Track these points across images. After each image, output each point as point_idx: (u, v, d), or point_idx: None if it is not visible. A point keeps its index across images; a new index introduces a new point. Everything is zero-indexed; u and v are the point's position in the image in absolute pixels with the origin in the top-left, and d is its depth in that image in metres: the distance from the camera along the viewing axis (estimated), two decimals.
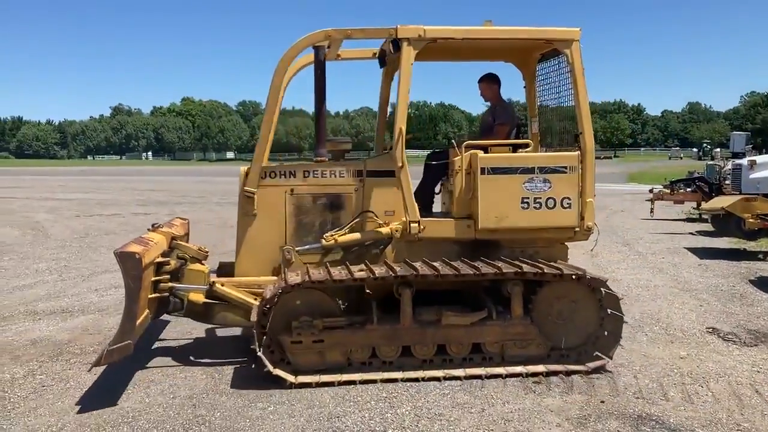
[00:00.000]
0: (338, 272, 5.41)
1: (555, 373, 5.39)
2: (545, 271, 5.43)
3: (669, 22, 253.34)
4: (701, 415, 4.61)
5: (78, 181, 46.08)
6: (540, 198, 5.85)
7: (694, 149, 79.09)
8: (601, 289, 5.57)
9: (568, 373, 5.38)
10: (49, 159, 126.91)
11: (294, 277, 5.30)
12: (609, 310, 5.54)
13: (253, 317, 5.10)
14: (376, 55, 6.90)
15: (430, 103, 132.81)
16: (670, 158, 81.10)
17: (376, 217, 6.00)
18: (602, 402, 4.84)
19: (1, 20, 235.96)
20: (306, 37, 5.74)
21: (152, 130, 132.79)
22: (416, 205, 5.86)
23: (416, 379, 5.26)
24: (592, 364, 5.47)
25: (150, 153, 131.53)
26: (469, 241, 5.96)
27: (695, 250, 12.32)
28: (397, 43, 5.82)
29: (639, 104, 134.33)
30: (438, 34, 5.85)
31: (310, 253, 5.96)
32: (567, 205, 5.92)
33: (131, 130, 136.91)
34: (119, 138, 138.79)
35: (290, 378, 5.14)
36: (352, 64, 7.11)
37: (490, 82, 7.01)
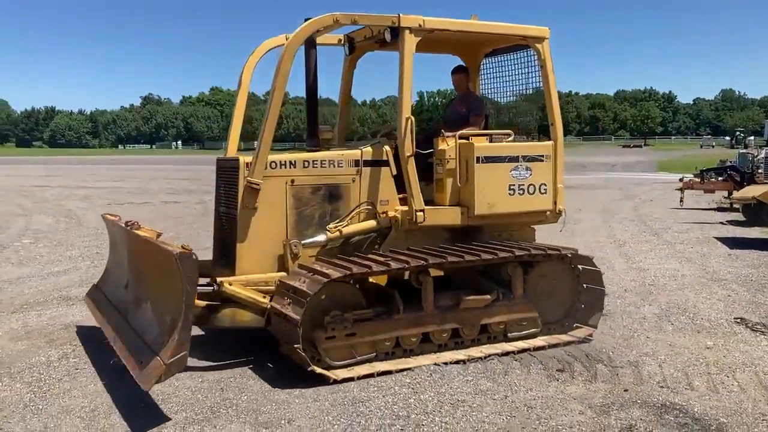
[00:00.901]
0: (375, 264, 5.26)
1: (555, 345, 5.82)
2: (562, 252, 6.08)
3: (701, 8, 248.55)
4: (726, 405, 4.59)
5: (109, 169, 46.81)
6: (523, 185, 6.33)
7: (727, 138, 77.83)
8: (580, 266, 6.21)
9: (566, 344, 5.87)
10: (81, 148, 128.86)
11: (333, 271, 5.08)
12: (585, 285, 6.21)
13: (295, 314, 4.80)
14: (342, 42, 6.88)
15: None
16: (701, 147, 79.71)
17: (374, 206, 6.00)
18: (625, 390, 4.85)
19: (34, 13, 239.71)
20: (314, 20, 5.59)
21: (182, 120, 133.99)
22: (421, 193, 5.93)
23: (459, 362, 5.40)
24: (579, 333, 6.05)
25: (179, 142, 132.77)
26: (459, 228, 6.19)
27: (725, 240, 12.16)
28: (395, 32, 5.84)
29: (670, 92, 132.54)
30: (435, 25, 5.97)
31: (313, 246, 5.78)
32: (544, 191, 6.50)
33: (161, 120, 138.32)
34: (149, 127, 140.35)
35: (333, 375, 4.99)
36: (378, 55, 7.05)
37: (464, 73, 7.16)
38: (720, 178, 17.30)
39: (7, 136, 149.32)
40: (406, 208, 5.97)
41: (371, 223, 5.98)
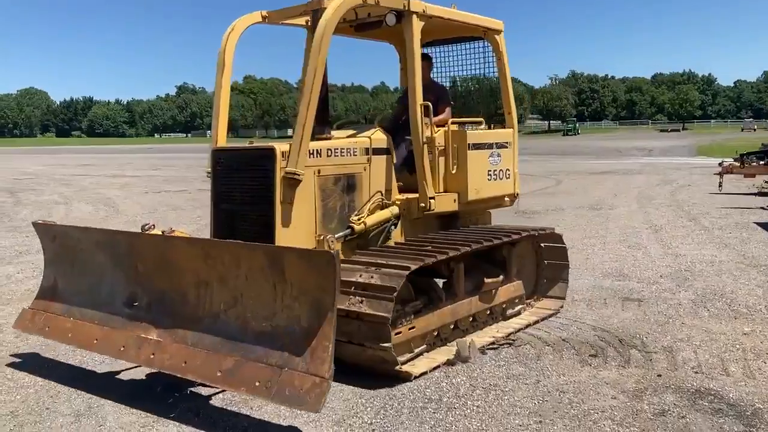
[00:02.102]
0: (440, 252, 5.11)
1: (543, 319, 6.23)
2: (548, 232, 6.61)
3: None
4: (762, 391, 4.54)
5: (146, 158, 47.56)
6: (496, 170, 6.70)
7: None
8: (544, 244, 6.67)
9: (547, 317, 6.28)
10: (118, 137, 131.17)
11: (410, 263, 4.78)
12: (547, 261, 6.69)
13: (383, 312, 4.39)
14: (308, 23, 6.30)
15: (492, 75, 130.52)
16: (742, 130, 78.01)
17: (383, 196, 5.85)
18: (659, 376, 4.82)
19: (72, 6, 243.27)
20: (345, 0, 5.27)
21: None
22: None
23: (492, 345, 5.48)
24: (552, 305, 6.51)
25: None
26: (447, 214, 6.36)
27: (765, 225, 11.92)
28: (401, 16, 5.78)
29: (710, 74, 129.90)
30: (434, 12, 6.06)
31: (340, 240, 5.41)
32: (508, 176, 6.93)
33: (196, 109, 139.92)
34: (184, 116, 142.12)
35: (412, 371, 4.81)
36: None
37: (428, 61, 7.03)
38: (761, 162, 16.92)
39: (47, 126, 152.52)
40: (412, 195, 5.98)
41: (387, 213, 5.77)
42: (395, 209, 5.83)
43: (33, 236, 11.87)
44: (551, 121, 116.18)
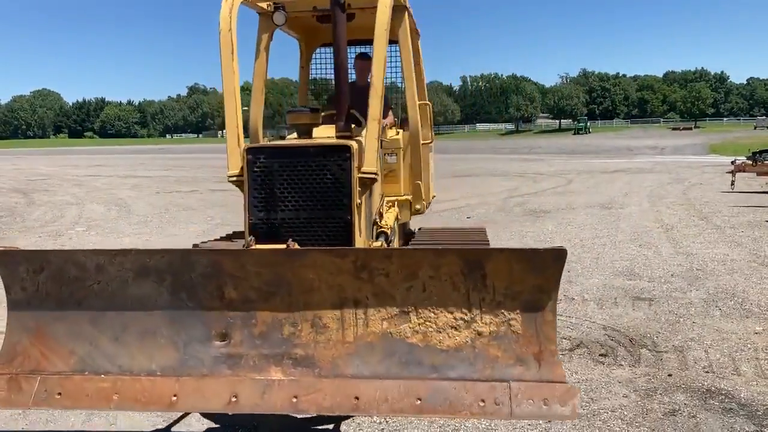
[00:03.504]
0: None
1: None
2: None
3: None
4: None
5: (157, 159, 47.81)
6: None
7: None
8: None
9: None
10: (130, 138, 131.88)
11: None
12: None
13: None
14: (270, 7, 5.60)
15: (502, 74, 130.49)
16: (755, 128, 77.41)
17: (383, 197, 5.53)
18: (670, 375, 4.81)
19: (84, 8, 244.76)
20: None
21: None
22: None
23: None
24: None
25: (225, 131, 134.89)
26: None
27: None
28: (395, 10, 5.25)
29: (722, 72, 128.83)
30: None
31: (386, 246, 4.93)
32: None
33: (207, 109, 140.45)
34: (196, 117, 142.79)
35: None
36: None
37: (369, 60, 6.15)
38: None
39: (60, 127, 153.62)
40: (404, 198, 5.85)
41: (393, 216, 5.51)
42: (396, 211, 5.67)
43: (46, 237, 12.02)
44: (562, 120, 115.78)
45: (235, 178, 4.64)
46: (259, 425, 4.16)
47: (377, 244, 4.81)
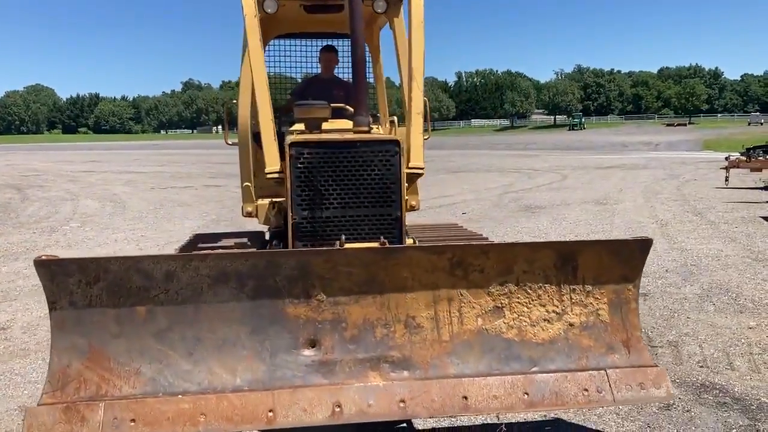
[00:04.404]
0: None
1: None
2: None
3: None
4: (767, 385, 4.55)
5: (152, 154, 47.68)
6: None
7: None
8: None
9: None
10: (125, 133, 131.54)
11: None
12: None
13: None
14: None
15: (497, 70, 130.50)
16: (749, 124, 77.68)
17: None
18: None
19: (77, 2, 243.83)
20: None
21: (222, 105, 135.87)
22: None
23: None
24: None
25: (220, 127, 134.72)
26: None
27: None
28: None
29: (716, 68, 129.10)
30: None
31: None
32: None
33: (202, 105, 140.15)
34: (190, 112, 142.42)
35: None
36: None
37: (335, 53, 6.16)
38: None
39: (54, 123, 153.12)
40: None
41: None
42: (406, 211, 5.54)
43: (40, 233, 11.98)
44: (557, 116, 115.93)
45: (276, 176, 4.32)
46: None
47: (409, 241, 4.71)
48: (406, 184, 4.29)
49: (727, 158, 17.43)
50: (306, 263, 3.20)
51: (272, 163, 4.34)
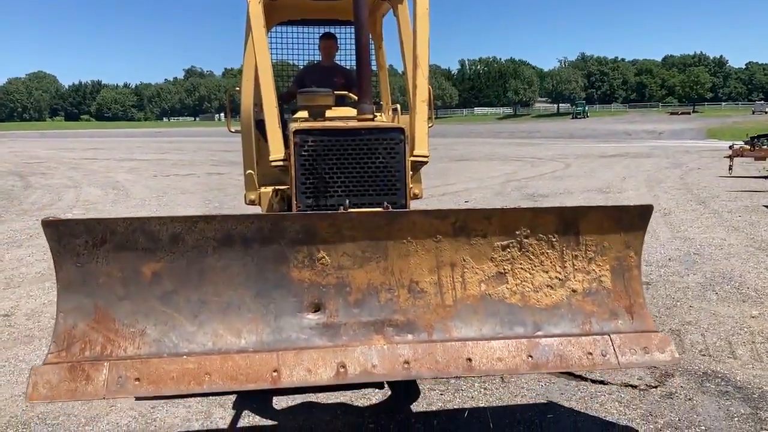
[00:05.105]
0: None
1: None
2: None
3: None
4: None
5: (155, 142, 47.65)
6: None
7: None
8: None
9: None
10: (127, 121, 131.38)
11: None
12: None
13: None
14: None
15: (500, 58, 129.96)
16: (753, 113, 77.39)
17: None
18: None
19: None
20: None
21: (224, 92, 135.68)
22: None
23: None
24: None
25: (222, 114, 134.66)
26: None
27: None
28: None
29: (721, 56, 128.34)
30: None
31: None
32: None
33: (204, 92, 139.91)
34: (192, 100, 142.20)
35: None
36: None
37: (335, 40, 6.15)
38: None
39: (56, 110, 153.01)
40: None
41: None
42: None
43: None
44: (560, 104, 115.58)
45: (280, 164, 4.32)
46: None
47: None
48: (411, 172, 4.28)
49: (731, 147, 17.36)
50: (311, 227, 3.21)
51: (276, 150, 4.33)
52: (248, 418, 4.05)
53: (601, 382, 4.45)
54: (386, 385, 4.42)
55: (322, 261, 3.26)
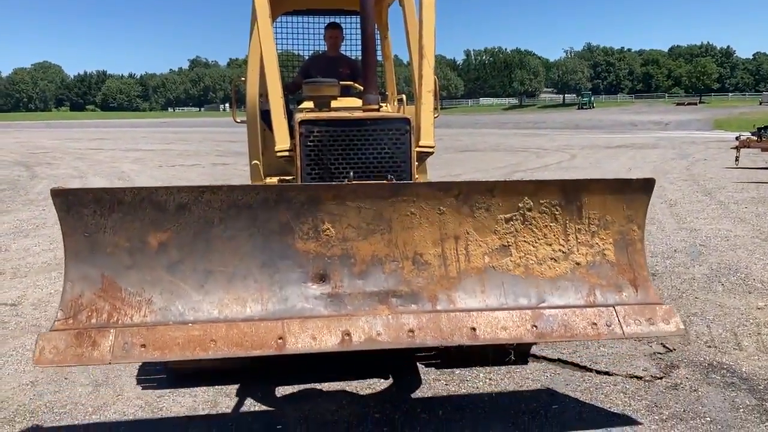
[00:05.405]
0: None
1: None
2: None
3: None
4: None
5: (160, 132, 47.68)
6: None
7: None
8: None
9: None
10: (132, 111, 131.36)
11: None
12: None
13: None
14: None
15: (506, 48, 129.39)
16: (761, 103, 76.90)
17: None
18: (672, 350, 4.83)
19: None
20: None
21: (229, 82, 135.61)
22: None
23: None
24: None
25: (227, 105, 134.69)
26: None
27: None
28: None
29: (728, 47, 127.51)
30: None
31: None
32: None
33: (209, 83, 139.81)
34: (197, 90, 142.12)
35: None
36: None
37: (341, 30, 6.12)
38: None
39: (61, 101, 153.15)
40: None
41: None
42: None
43: (49, 209, 12.00)
44: (566, 95, 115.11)
45: (286, 154, 4.29)
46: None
47: None
48: (416, 163, 4.27)
49: (737, 138, 17.28)
50: (316, 198, 3.24)
51: (282, 141, 4.32)
52: (253, 408, 4.06)
53: (606, 373, 4.46)
54: (390, 376, 4.44)
55: (326, 233, 3.29)
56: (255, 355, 3.05)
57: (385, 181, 3.79)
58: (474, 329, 3.23)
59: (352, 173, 3.98)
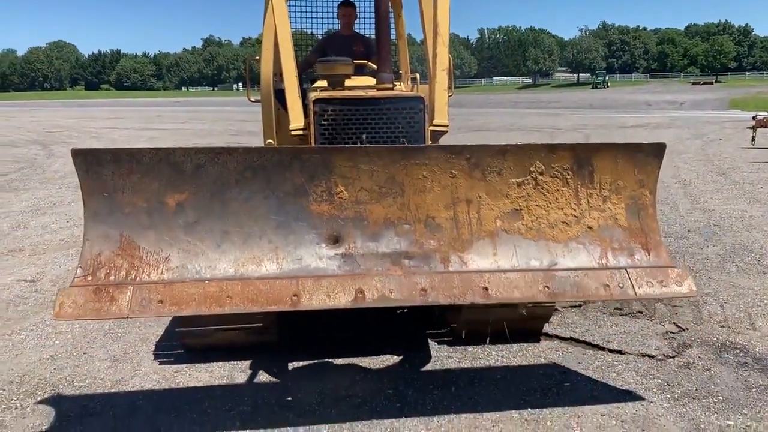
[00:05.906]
0: None
1: None
2: None
3: None
4: None
5: (173, 111, 47.76)
6: None
7: None
8: None
9: None
10: (146, 90, 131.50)
11: None
12: None
13: None
14: None
15: (520, 27, 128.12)
16: None
17: None
18: (685, 329, 4.84)
19: None
20: None
21: (243, 62, 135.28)
22: None
23: None
24: None
25: (241, 84, 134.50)
26: None
27: None
28: None
29: (746, 25, 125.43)
30: None
31: None
32: None
33: (222, 62, 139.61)
34: (211, 69, 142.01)
35: None
36: None
37: (354, 8, 6.14)
38: None
39: (76, 80, 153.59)
40: None
41: None
42: None
43: (66, 188, 12.13)
44: (580, 74, 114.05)
45: (300, 133, 4.34)
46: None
47: None
48: (430, 142, 4.27)
49: (754, 117, 17.07)
50: (329, 161, 3.29)
51: (296, 119, 4.36)
52: (269, 384, 4.12)
53: (619, 352, 4.48)
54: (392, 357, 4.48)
55: (340, 195, 3.35)
56: (270, 311, 3.14)
57: (397, 145, 3.82)
58: (486, 288, 3.27)
59: (365, 136, 4.01)
